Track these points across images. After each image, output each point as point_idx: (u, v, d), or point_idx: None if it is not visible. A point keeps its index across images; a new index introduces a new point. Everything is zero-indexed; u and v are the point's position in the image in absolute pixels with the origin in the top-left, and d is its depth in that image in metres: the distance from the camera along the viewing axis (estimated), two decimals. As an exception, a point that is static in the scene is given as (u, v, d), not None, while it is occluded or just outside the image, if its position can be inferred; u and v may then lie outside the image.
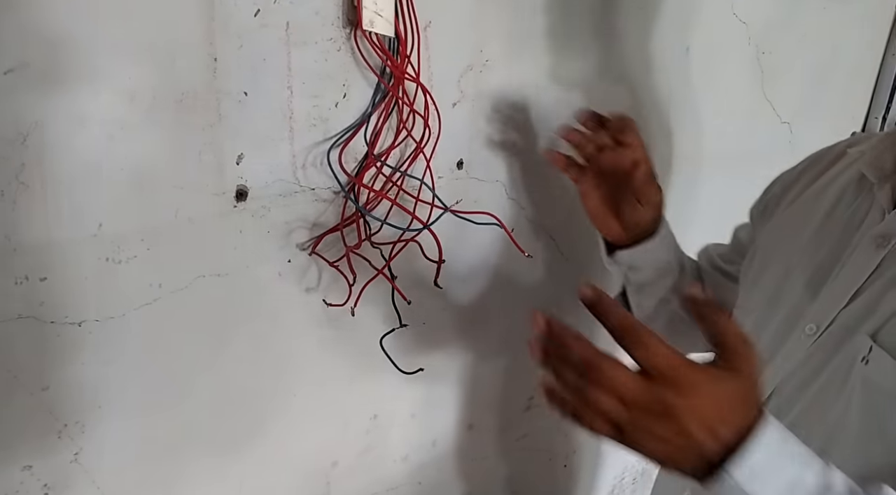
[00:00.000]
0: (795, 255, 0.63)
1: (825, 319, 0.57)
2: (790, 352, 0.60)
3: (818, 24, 1.07)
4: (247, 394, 0.72)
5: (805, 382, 0.58)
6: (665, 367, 0.44)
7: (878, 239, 0.56)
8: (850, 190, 0.62)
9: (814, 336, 0.58)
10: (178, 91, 0.58)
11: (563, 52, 0.82)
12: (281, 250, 0.68)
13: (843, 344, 0.56)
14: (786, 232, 0.66)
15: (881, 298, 0.54)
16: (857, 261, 0.57)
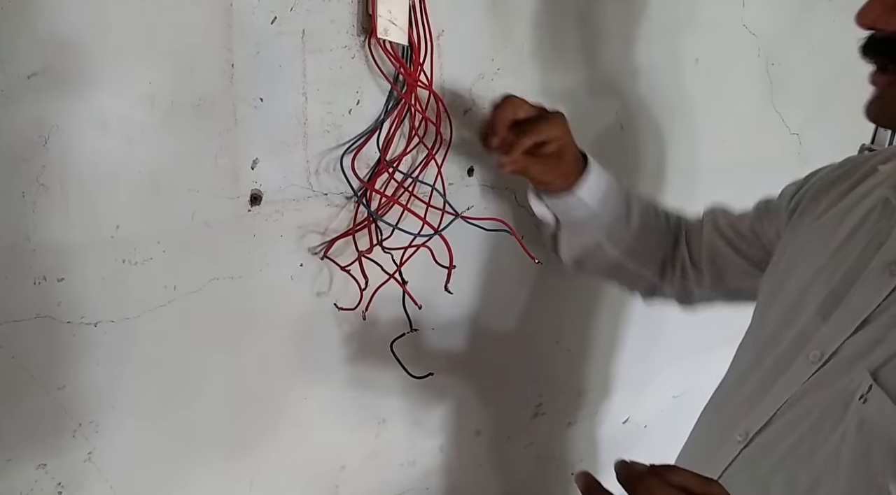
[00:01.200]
0: (813, 276, 0.60)
1: (830, 347, 0.55)
2: (791, 379, 0.57)
3: (827, 36, 1.08)
4: (258, 397, 0.72)
5: (801, 414, 0.56)
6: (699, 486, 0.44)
7: (891, 265, 0.53)
8: (875, 211, 0.59)
9: (817, 363, 0.55)
10: (195, 96, 0.59)
11: (565, 62, 0.83)
12: (293, 254, 0.69)
13: (844, 376, 0.53)
14: (808, 249, 0.64)
15: (888, 332, 0.51)
16: (868, 288, 0.54)
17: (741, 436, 0.60)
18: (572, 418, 1.07)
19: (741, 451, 0.59)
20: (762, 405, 0.59)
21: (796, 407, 0.56)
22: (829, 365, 0.54)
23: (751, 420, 0.59)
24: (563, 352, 1.00)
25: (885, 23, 0.47)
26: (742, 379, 0.65)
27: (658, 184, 1.00)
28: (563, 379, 1.02)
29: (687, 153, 1.00)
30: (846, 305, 0.55)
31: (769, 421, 0.58)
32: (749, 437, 0.59)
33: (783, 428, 0.57)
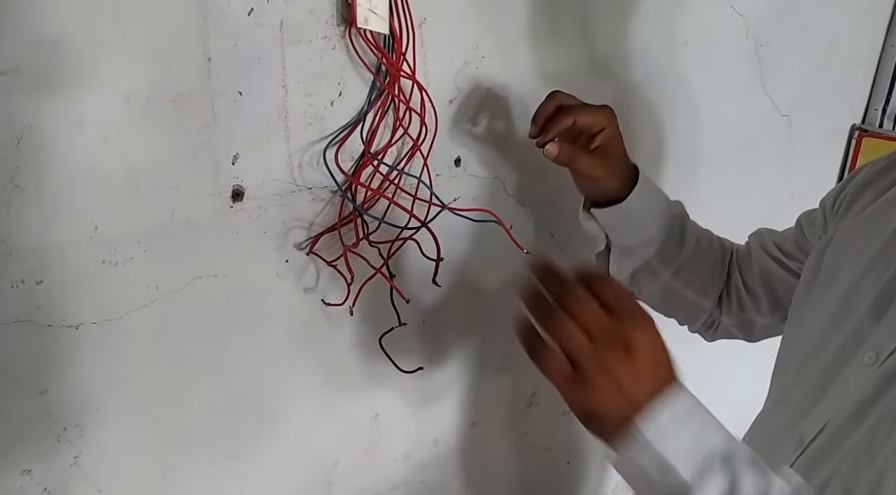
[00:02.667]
0: (861, 274, 0.58)
1: (887, 347, 0.52)
2: (845, 382, 0.55)
3: (816, 17, 1.07)
4: (246, 395, 0.72)
5: (857, 418, 0.53)
6: (630, 305, 0.47)
7: None
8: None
9: (873, 365, 0.53)
10: (172, 91, 0.57)
11: (555, 48, 0.82)
12: (278, 250, 0.68)
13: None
14: (852, 246, 0.61)
15: None
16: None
17: (796, 444, 0.57)
18: (566, 408, 1.06)
19: (797, 459, 0.57)
20: (816, 411, 0.57)
21: (851, 412, 0.54)
22: (885, 366, 0.52)
23: (805, 427, 0.57)
24: (556, 341, 1.00)
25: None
26: (793, 385, 0.63)
27: (651, 169, 0.98)
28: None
29: (676, 137, 1.00)
30: None
31: (824, 427, 0.56)
32: (805, 444, 0.57)
33: (839, 433, 0.54)
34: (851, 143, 1.28)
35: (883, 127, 1.28)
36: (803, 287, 0.67)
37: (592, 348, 0.46)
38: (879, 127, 1.28)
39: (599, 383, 0.46)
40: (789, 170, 1.15)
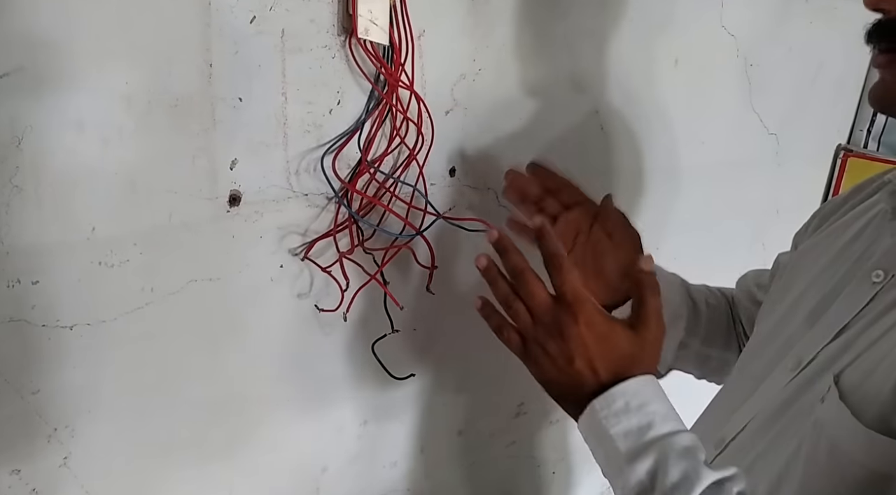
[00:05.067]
0: (807, 286, 0.60)
1: (808, 355, 0.54)
2: (770, 385, 0.57)
3: (805, 39, 1.09)
4: (237, 399, 0.72)
5: (770, 423, 0.56)
6: (571, 295, 0.52)
7: (874, 273, 0.53)
8: (874, 221, 0.59)
9: (794, 371, 0.55)
10: (173, 96, 0.58)
11: (550, 65, 0.83)
12: (273, 255, 0.68)
13: (815, 383, 0.53)
14: (808, 259, 0.64)
15: (857, 338, 0.51)
16: (850, 296, 0.54)
17: (717, 443, 0.60)
18: (554, 417, 1.07)
19: (715, 459, 0.59)
20: (740, 411, 0.59)
21: (767, 416, 0.56)
22: (805, 372, 0.54)
23: (728, 426, 0.59)
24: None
25: (888, 4, 0.47)
26: (729, 386, 0.66)
27: (639, 186, 1.00)
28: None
29: (667, 154, 1.01)
30: (830, 313, 0.55)
31: (744, 427, 0.58)
32: (724, 444, 0.59)
33: (755, 433, 0.56)
34: (837, 163, 1.30)
35: (868, 147, 1.31)
36: (765, 300, 0.70)
37: (534, 328, 0.53)
38: (864, 147, 1.31)
39: (540, 359, 0.53)
40: (776, 188, 1.17)
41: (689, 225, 1.07)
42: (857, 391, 0.48)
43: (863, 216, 0.61)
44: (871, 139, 1.31)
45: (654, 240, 1.06)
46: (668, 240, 1.07)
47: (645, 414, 0.49)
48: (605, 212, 0.74)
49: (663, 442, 0.48)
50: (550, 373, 0.53)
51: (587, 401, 0.51)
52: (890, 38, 0.48)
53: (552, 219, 0.76)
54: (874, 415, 0.46)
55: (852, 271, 0.56)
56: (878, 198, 0.60)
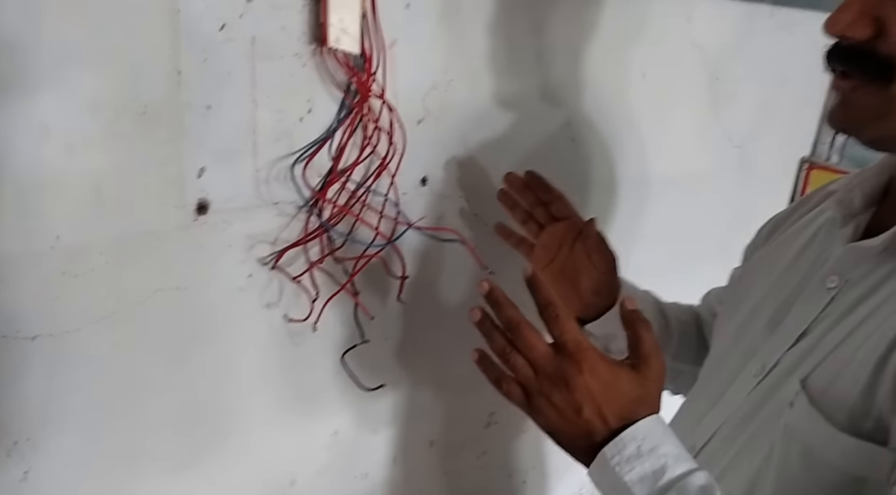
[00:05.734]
0: (764, 294, 0.62)
1: (770, 361, 0.56)
2: (735, 391, 0.59)
3: (770, 54, 1.12)
4: (204, 411, 0.71)
5: (739, 428, 0.57)
6: (573, 345, 0.51)
7: (828, 278, 0.55)
8: (823, 229, 0.61)
9: (758, 376, 0.57)
10: (141, 103, 0.57)
11: (521, 76, 0.84)
12: (242, 264, 0.68)
13: (780, 388, 0.54)
14: (762, 269, 0.66)
15: (819, 341, 0.53)
16: (807, 302, 0.56)
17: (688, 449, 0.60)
18: (525, 427, 1.07)
19: None
20: (707, 419, 0.60)
21: (736, 422, 0.57)
22: (769, 377, 0.56)
23: (697, 435, 0.60)
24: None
25: (855, 31, 0.47)
26: (694, 396, 0.67)
27: (610, 196, 1.01)
28: (516, 388, 1.03)
29: (636, 165, 1.03)
30: (789, 319, 0.56)
31: (713, 435, 0.59)
32: (696, 452, 0.60)
33: (725, 440, 0.58)
34: (801, 175, 1.33)
35: (830, 160, 1.34)
36: (721, 312, 0.71)
37: (537, 380, 0.52)
38: (827, 160, 1.34)
39: (546, 411, 0.51)
40: (741, 200, 1.20)
41: (658, 235, 1.09)
42: (826, 395, 0.49)
43: (811, 224, 0.63)
44: (834, 151, 1.35)
45: (624, 250, 1.06)
46: (637, 249, 1.08)
47: (657, 457, 0.48)
48: (588, 231, 0.76)
49: (679, 485, 0.47)
50: (558, 424, 0.51)
51: (598, 449, 0.50)
52: (852, 63, 0.48)
53: (539, 227, 0.78)
54: (844, 418, 0.48)
55: (807, 278, 0.58)
56: (825, 207, 0.62)
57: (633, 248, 1.08)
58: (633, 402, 0.51)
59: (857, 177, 0.58)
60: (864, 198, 0.56)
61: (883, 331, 0.47)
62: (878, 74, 0.46)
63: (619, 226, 1.04)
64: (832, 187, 0.64)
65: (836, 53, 0.50)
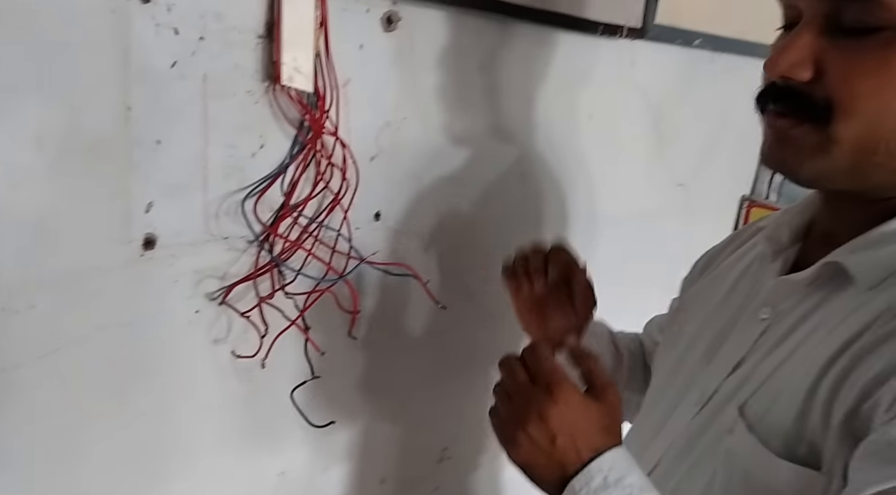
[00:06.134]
0: (700, 325, 0.64)
1: (709, 389, 0.57)
2: (677, 419, 0.60)
3: (710, 97, 1.17)
4: (148, 451, 0.69)
5: (683, 454, 0.58)
6: (547, 376, 0.52)
7: (761, 310, 0.56)
8: (754, 264, 0.63)
9: (697, 405, 0.58)
10: (88, 138, 0.57)
11: (472, 115, 0.86)
12: (189, 300, 0.67)
13: (719, 416, 0.55)
14: (698, 301, 0.68)
15: (754, 370, 0.54)
16: (742, 332, 0.57)
17: None
18: (477, 462, 1.07)
19: None
20: (652, 446, 0.61)
21: (679, 449, 0.59)
22: (708, 406, 0.57)
23: (644, 461, 0.61)
24: (469, 394, 1.01)
25: (796, 73, 0.48)
26: (639, 424, 0.68)
27: (560, 232, 1.04)
28: (469, 422, 1.03)
29: (586, 202, 1.05)
30: (724, 350, 0.59)
31: (659, 462, 0.61)
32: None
33: (668, 470, 0.59)
34: (741, 212, 1.39)
35: (769, 198, 1.40)
36: (661, 342, 0.73)
37: (511, 409, 0.53)
38: (766, 198, 1.40)
39: (520, 440, 0.52)
40: (685, 236, 1.23)
41: (607, 270, 1.11)
42: (762, 421, 0.51)
43: (743, 259, 0.66)
44: (772, 190, 1.42)
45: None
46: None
47: (623, 488, 0.49)
48: (580, 278, 0.79)
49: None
50: (531, 455, 0.51)
51: (568, 481, 0.50)
52: (792, 104, 0.49)
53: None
54: (780, 444, 0.49)
55: (740, 310, 0.60)
56: (756, 242, 0.65)
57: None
58: (601, 432, 0.52)
59: (785, 215, 0.61)
60: (791, 234, 0.59)
61: (813, 359, 0.49)
62: (817, 115, 0.47)
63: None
64: (762, 223, 0.67)
65: (772, 93, 0.51)
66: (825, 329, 0.50)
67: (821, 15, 0.47)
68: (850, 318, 0.49)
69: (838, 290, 0.51)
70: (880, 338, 0.46)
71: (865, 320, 0.48)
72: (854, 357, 0.47)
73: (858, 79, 0.46)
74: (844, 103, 0.46)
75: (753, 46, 1.16)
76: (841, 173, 0.49)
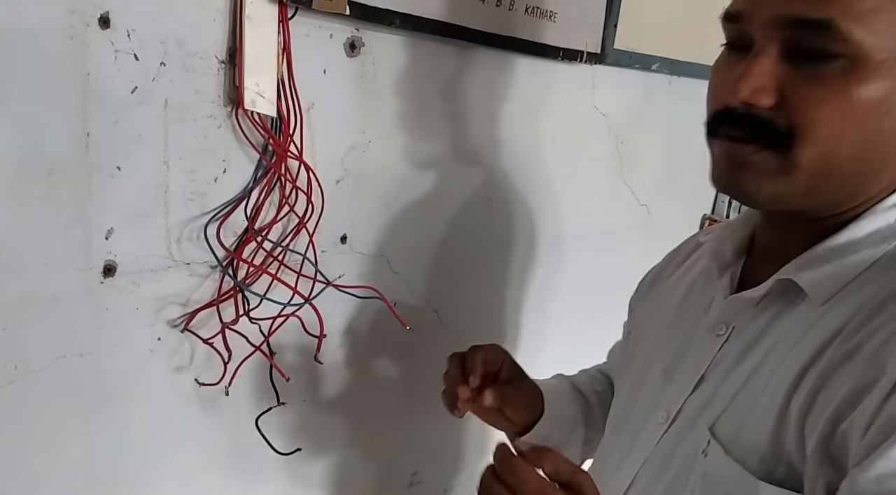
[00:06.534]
0: (655, 345, 0.65)
1: (674, 407, 0.57)
2: (645, 441, 0.60)
3: (669, 119, 1.20)
4: (108, 482, 0.67)
5: (657, 474, 0.58)
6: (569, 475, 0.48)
7: (715, 327, 0.57)
8: (700, 279, 0.64)
9: (665, 424, 0.58)
10: (46, 165, 0.56)
11: (437, 139, 0.87)
12: (150, 327, 0.66)
13: (688, 434, 0.55)
14: (648, 321, 0.68)
15: (718, 387, 0.54)
16: (699, 349, 0.58)
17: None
18: (449, 485, 1.06)
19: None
20: (622, 470, 0.61)
21: (652, 468, 0.59)
22: (675, 424, 0.57)
23: (614, 485, 0.61)
24: (438, 416, 1.00)
25: (759, 99, 0.47)
26: (606, 448, 0.68)
27: (527, 253, 1.05)
28: (439, 445, 1.02)
29: (551, 223, 1.07)
30: (683, 367, 0.59)
31: (630, 486, 0.60)
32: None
33: (643, 489, 0.59)
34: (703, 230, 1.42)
35: (729, 216, 1.44)
36: (618, 368, 0.73)
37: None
38: (727, 216, 1.44)
39: None
40: (647, 255, 1.25)
41: (573, 289, 1.12)
42: (736, 442, 0.51)
43: (687, 275, 0.67)
44: (732, 209, 1.45)
45: (542, 304, 1.10)
46: (554, 303, 1.11)
47: None
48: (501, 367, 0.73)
49: None
50: None
51: None
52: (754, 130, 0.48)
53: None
54: (756, 465, 0.49)
55: (693, 326, 0.60)
56: (699, 257, 0.66)
57: (552, 302, 1.11)
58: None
59: (725, 230, 0.62)
60: (734, 250, 0.60)
61: (777, 378, 0.50)
62: (779, 141, 0.48)
63: (538, 281, 1.07)
64: (701, 238, 0.68)
65: (729, 119, 0.50)
66: (785, 345, 0.51)
67: (778, 41, 0.47)
68: (810, 334, 0.50)
69: (791, 306, 0.52)
70: (843, 355, 0.47)
71: (824, 337, 0.48)
72: (820, 376, 0.47)
73: (819, 106, 0.46)
74: (806, 129, 0.47)
75: (708, 69, 1.19)
76: (797, 196, 0.50)
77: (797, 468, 0.47)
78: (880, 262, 0.50)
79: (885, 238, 0.50)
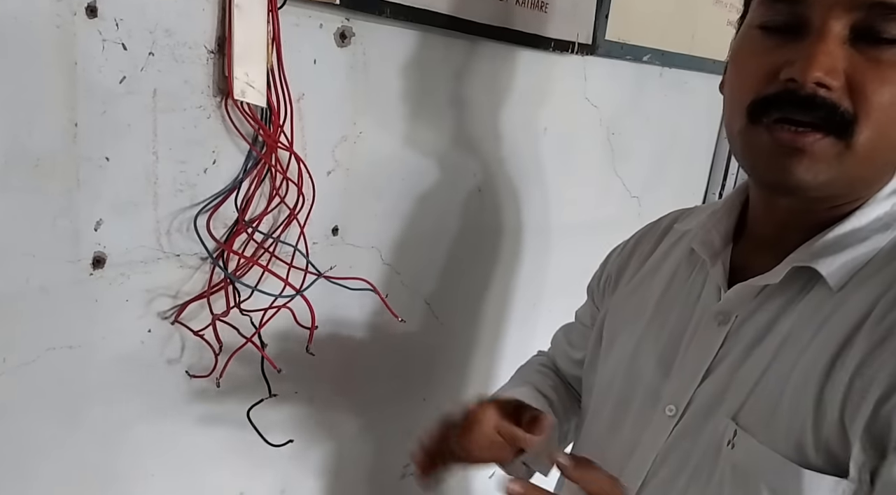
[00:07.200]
0: (640, 336, 0.63)
1: (682, 400, 0.56)
2: (655, 435, 0.58)
3: (660, 110, 1.20)
4: (99, 474, 0.67)
5: (677, 469, 0.56)
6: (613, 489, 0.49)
7: (718, 316, 0.56)
8: (682, 266, 0.62)
9: (674, 417, 0.57)
10: (33, 156, 0.55)
11: (428, 129, 0.87)
12: (140, 319, 0.65)
13: (706, 426, 0.54)
14: (628, 309, 0.67)
15: (733, 377, 0.53)
16: (702, 339, 0.56)
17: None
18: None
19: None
20: (630, 466, 0.60)
21: (669, 462, 0.57)
22: (687, 416, 0.56)
23: (626, 480, 0.59)
24: (431, 409, 1.01)
25: (830, 80, 0.46)
26: (596, 444, 0.66)
27: (516, 243, 1.05)
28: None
29: (541, 214, 1.07)
30: (684, 359, 0.58)
31: (645, 480, 0.59)
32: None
33: (662, 483, 0.58)
34: (694, 222, 1.42)
35: (719, 207, 1.45)
36: (588, 359, 0.71)
37: None
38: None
39: None
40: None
41: (562, 281, 1.13)
42: (766, 431, 0.50)
43: (665, 263, 0.65)
44: (722, 201, 1.46)
45: (533, 296, 1.10)
46: (544, 295, 1.12)
47: None
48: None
49: None
50: None
51: None
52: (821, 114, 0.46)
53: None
54: (792, 452, 0.49)
55: (684, 317, 0.60)
56: (673, 244, 0.65)
57: (542, 294, 1.12)
58: None
59: (710, 218, 0.61)
60: (722, 237, 0.59)
61: (805, 365, 0.49)
62: (843, 127, 0.46)
63: (527, 272, 1.08)
64: (676, 226, 0.66)
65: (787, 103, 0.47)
66: (804, 332, 0.50)
67: (845, 23, 0.46)
68: (832, 320, 0.49)
69: (802, 293, 0.52)
70: (877, 340, 0.46)
71: (850, 322, 0.48)
72: (854, 362, 0.47)
73: (884, 91, 0.46)
74: (869, 115, 0.46)
75: (699, 61, 1.20)
76: (841, 184, 0.49)
77: (837, 454, 0.47)
78: (887, 248, 0.50)
79: (887, 225, 0.51)
